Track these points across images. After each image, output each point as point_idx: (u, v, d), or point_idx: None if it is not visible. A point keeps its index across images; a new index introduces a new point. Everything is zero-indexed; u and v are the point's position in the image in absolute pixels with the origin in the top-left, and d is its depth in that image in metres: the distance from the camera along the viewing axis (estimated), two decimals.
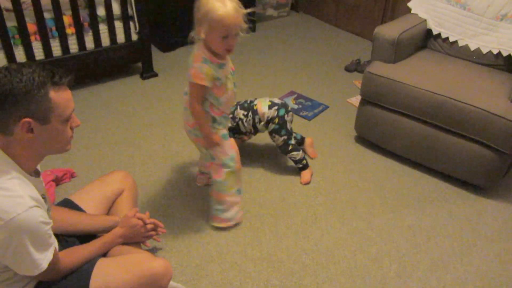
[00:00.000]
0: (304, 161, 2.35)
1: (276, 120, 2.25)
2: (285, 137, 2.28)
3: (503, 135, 2.10)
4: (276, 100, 2.30)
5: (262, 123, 2.28)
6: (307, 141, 2.52)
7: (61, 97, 1.26)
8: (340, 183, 2.36)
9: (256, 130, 2.34)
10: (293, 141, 2.31)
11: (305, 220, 2.11)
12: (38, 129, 1.24)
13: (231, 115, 2.31)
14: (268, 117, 2.25)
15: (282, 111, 2.25)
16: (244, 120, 2.29)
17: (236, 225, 2.04)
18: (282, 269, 1.86)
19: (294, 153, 2.32)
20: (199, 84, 1.77)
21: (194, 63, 1.78)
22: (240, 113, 2.29)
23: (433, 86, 2.26)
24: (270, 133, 2.31)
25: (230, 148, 1.92)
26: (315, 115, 2.92)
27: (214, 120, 1.88)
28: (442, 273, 1.89)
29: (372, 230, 2.08)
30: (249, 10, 1.78)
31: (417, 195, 2.30)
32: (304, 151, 2.46)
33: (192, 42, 1.80)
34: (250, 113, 2.28)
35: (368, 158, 2.55)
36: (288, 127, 2.28)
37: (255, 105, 2.29)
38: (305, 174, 2.36)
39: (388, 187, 2.35)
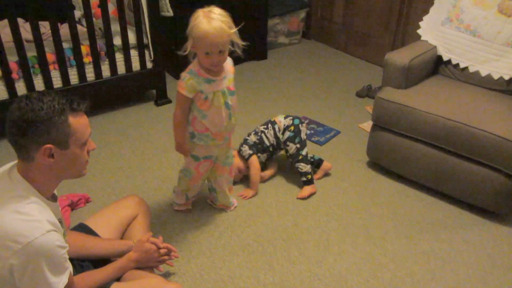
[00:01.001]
0: (309, 176, 2.41)
1: (292, 128, 2.43)
2: (298, 145, 2.40)
3: None
4: (291, 115, 2.52)
5: (281, 131, 2.46)
6: (325, 165, 2.55)
7: (79, 122, 1.31)
8: (352, 208, 2.35)
9: (278, 142, 2.47)
10: (304, 152, 2.41)
11: (318, 245, 2.10)
12: (58, 154, 1.28)
13: (253, 132, 2.53)
14: (284, 125, 2.46)
15: (297, 121, 2.46)
16: (265, 132, 2.48)
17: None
18: None
19: (302, 164, 2.40)
20: (179, 92, 1.90)
21: (183, 72, 1.90)
22: (261, 127, 2.52)
23: (445, 111, 2.27)
24: (285, 142, 2.44)
25: (193, 167, 2.08)
26: (327, 140, 2.94)
27: (192, 135, 1.99)
28: None
29: (386, 256, 2.06)
30: (236, 29, 1.85)
31: (431, 221, 2.28)
32: (314, 171, 2.53)
33: (194, 55, 1.89)
34: (269, 125, 2.50)
35: (380, 183, 2.55)
36: (302, 136, 2.43)
37: (272, 118, 2.54)
38: (306, 189, 2.41)
39: (401, 212, 2.33)
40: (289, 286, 1.89)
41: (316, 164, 2.54)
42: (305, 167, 2.39)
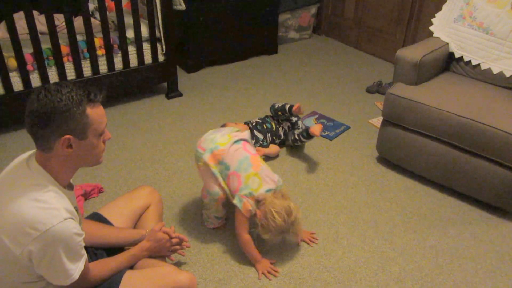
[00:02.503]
0: (288, 104, 2.72)
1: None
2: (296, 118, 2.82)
3: None
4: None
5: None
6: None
7: (96, 113, 1.34)
8: (361, 202, 2.37)
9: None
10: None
11: (327, 238, 2.13)
12: (76, 144, 1.31)
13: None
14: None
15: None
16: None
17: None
18: (304, 286, 1.87)
19: (276, 105, 2.75)
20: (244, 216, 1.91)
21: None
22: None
23: (456, 108, 2.27)
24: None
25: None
26: (337, 135, 2.96)
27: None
28: None
29: (394, 250, 2.08)
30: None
31: (440, 216, 2.29)
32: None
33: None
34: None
35: (390, 178, 2.56)
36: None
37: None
38: (314, 128, 2.57)
39: (410, 207, 2.35)
40: (298, 277, 1.91)
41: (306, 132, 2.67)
42: (278, 104, 2.76)
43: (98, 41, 2.88)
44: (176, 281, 1.53)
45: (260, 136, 2.70)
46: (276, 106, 2.77)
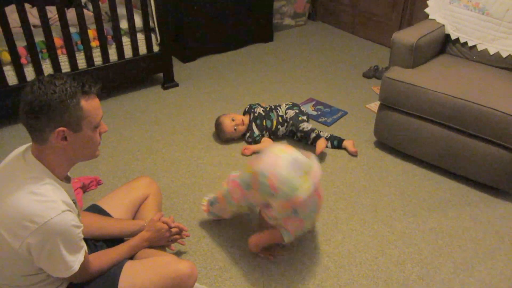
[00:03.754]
0: (316, 131, 2.61)
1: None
2: (297, 110, 2.71)
3: None
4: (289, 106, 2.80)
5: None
6: (346, 143, 2.66)
7: (91, 105, 1.33)
8: (360, 187, 2.37)
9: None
10: (304, 117, 2.68)
11: (327, 224, 2.13)
12: (71, 137, 1.30)
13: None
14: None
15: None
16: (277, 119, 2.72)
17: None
18: (304, 271, 1.88)
19: (304, 124, 2.61)
20: None
21: None
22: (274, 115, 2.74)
23: (453, 90, 2.27)
24: (288, 118, 2.71)
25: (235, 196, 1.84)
26: (334, 121, 2.95)
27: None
28: (465, 276, 1.88)
29: (394, 234, 2.08)
30: None
31: (439, 199, 2.30)
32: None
33: None
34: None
35: (388, 162, 2.56)
36: (301, 108, 2.79)
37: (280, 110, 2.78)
38: (320, 143, 2.52)
39: (409, 191, 2.35)
40: (298, 263, 1.92)
41: (338, 142, 2.66)
42: (308, 126, 2.60)
43: (91, 33, 2.86)
44: (177, 270, 1.53)
45: (256, 132, 2.67)
46: (301, 128, 2.60)
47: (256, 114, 2.72)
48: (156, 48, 3.15)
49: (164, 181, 2.37)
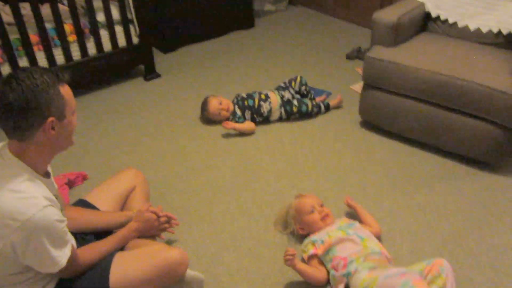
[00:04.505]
0: (321, 105, 2.81)
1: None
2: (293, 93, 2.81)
3: (508, 111, 2.11)
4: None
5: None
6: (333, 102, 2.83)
7: (67, 92, 1.33)
8: (348, 167, 2.38)
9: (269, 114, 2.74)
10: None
11: None
12: (58, 126, 1.30)
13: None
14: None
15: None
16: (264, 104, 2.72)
17: None
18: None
19: (306, 104, 2.74)
20: None
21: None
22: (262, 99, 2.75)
23: (435, 66, 2.27)
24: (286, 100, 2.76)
25: None
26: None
27: None
28: (454, 248, 1.91)
29: (383, 211, 2.10)
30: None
31: (425, 175, 2.32)
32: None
33: None
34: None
35: (374, 141, 2.58)
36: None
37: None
38: (333, 103, 2.80)
39: (396, 168, 2.37)
40: (290, 246, 1.92)
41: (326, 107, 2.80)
42: (310, 103, 2.75)
43: (68, 27, 2.81)
44: (167, 257, 1.53)
45: (238, 112, 2.68)
46: (305, 111, 2.75)
47: (239, 98, 2.72)
48: (135, 40, 3.11)
49: (151, 172, 2.36)
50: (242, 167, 2.40)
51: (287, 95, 2.75)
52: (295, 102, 2.72)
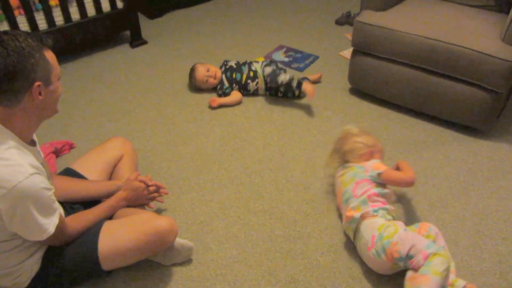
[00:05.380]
0: (296, 78, 2.54)
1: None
2: (274, 67, 2.58)
3: (496, 75, 2.10)
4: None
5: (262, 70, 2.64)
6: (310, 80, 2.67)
7: (52, 57, 1.31)
8: (337, 134, 2.37)
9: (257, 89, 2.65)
10: (278, 70, 2.58)
11: (304, 172, 2.15)
12: (44, 91, 1.29)
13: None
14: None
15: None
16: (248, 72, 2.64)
17: None
18: (285, 219, 1.91)
19: (282, 76, 2.51)
20: None
21: None
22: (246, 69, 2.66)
23: (424, 30, 2.24)
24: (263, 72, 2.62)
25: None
26: (307, 65, 2.95)
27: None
28: (440, 212, 1.94)
29: None
30: None
31: (413, 141, 2.33)
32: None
33: None
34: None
35: (363, 108, 2.57)
36: (278, 65, 2.65)
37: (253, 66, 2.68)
38: (307, 88, 2.49)
39: (385, 135, 2.37)
40: (278, 212, 1.94)
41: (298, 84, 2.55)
42: (286, 76, 2.50)
43: None
44: (156, 226, 1.54)
45: (226, 84, 2.64)
46: (280, 82, 2.49)
47: (227, 67, 2.67)
48: (120, 5, 3.01)
49: (139, 141, 2.33)
50: (230, 135, 2.38)
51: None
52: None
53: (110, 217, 1.67)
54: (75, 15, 2.84)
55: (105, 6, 2.95)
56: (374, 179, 1.76)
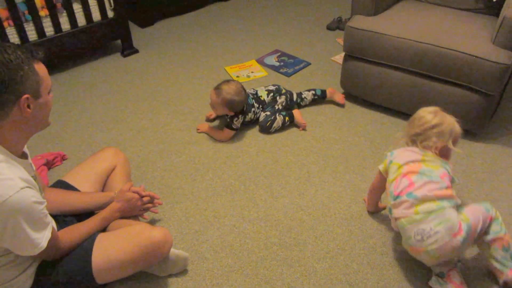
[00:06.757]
0: (288, 117, 2.43)
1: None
2: (268, 113, 2.42)
3: (488, 77, 2.11)
4: (270, 88, 2.52)
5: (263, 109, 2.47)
6: (295, 112, 2.48)
7: (42, 69, 1.30)
8: (330, 139, 2.38)
9: (256, 118, 2.46)
10: (272, 118, 2.40)
11: (299, 178, 2.14)
12: (33, 104, 1.27)
13: (253, 109, 2.42)
14: (267, 104, 2.48)
15: (276, 95, 2.49)
16: (255, 112, 2.43)
17: None
18: (280, 226, 1.90)
19: (274, 125, 2.40)
20: None
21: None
22: (256, 106, 2.43)
23: (415, 34, 2.25)
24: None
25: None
26: (295, 71, 2.95)
27: None
28: None
29: (365, 182, 2.11)
30: None
31: None
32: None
33: None
34: (260, 106, 2.45)
35: (356, 113, 2.57)
36: (276, 106, 2.46)
37: (261, 96, 2.48)
38: (297, 117, 2.43)
39: (378, 139, 2.37)
40: (274, 219, 1.93)
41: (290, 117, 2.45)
42: (277, 124, 2.40)
43: (39, 1, 2.68)
44: (150, 237, 1.52)
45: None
46: (274, 130, 2.40)
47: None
48: (110, 14, 3.00)
49: (132, 151, 2.32)
50: (223, 143, 2.37)
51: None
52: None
53: (103, 229, 1.65)
54: (65, 25, 2.83)
55: (96, 16, 2.94)
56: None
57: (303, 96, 2.57)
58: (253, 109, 2.41)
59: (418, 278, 1.69)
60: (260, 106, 2.44)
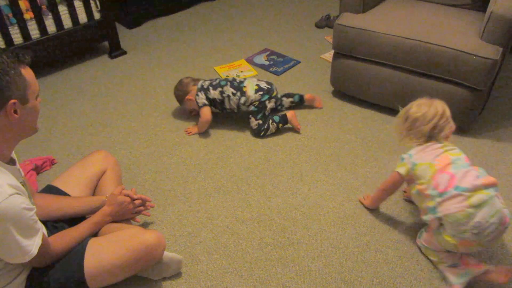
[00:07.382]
0: (281, 123, 2.39)
1: (256, 103, 2.34)
2: (260, 121, 2.36)
3: (476, 72, 2.12)
4: (263, 85, 2.38)
5: (246, 104, 2.36)
6: (289, 115, 2.42)
7: (30, 74, 1.27)
8: (322, 138, 2.37)
9: (238, 110, 2.39)
10: (266, 126, 2.36)
11: (291, 177, 2.13)
12: (20, 109, 1.25)
13: (219, 88, 2.36)
14: (252, 100, 2.35)
15: (265, 97, 2.36)
16: (230, 98, 2.35)
17: None
18: (274, 226, 1.89)
19: (268, 133, 2.38)
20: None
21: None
22: (230, 90, 2.35)
23: (403, 31, 2.26)
24: (249, 113, 2.39)
25: None
26: (285, 70, 2.94)
27: None
28: None
29: (358, 179, 2.11)
30: None
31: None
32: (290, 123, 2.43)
33: None
34: (238, 93, 2.35)
35: (346, 110, 2.57)
36: (266, 112, 2.39)
37: (244, 86, 2.36)
38: (292, 120, 2.38)
39: (369, 136, 2.37)
40: (267, 219, 1.92)
41: (283, 121, 2.40)
42: (271, 131, 2.37)
43: (23, 4, 2.65)
44: (143, 241, 1.50)
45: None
46: (270, 133, 2.38)
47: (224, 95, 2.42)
48: (97, 16, 2.97)
49: (122, 153, 2.29)
50: (215, 143, 2.36)
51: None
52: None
53: (95, 234, 1.63)
54: (51, 27, 2.79)
55: (82, 18, 2.90)
56: None
57: (283, 102, 2.55)
58: (219, 89, 2.35)
59: (413, 274, 1.69)
60: (238, 92, 2.34)
